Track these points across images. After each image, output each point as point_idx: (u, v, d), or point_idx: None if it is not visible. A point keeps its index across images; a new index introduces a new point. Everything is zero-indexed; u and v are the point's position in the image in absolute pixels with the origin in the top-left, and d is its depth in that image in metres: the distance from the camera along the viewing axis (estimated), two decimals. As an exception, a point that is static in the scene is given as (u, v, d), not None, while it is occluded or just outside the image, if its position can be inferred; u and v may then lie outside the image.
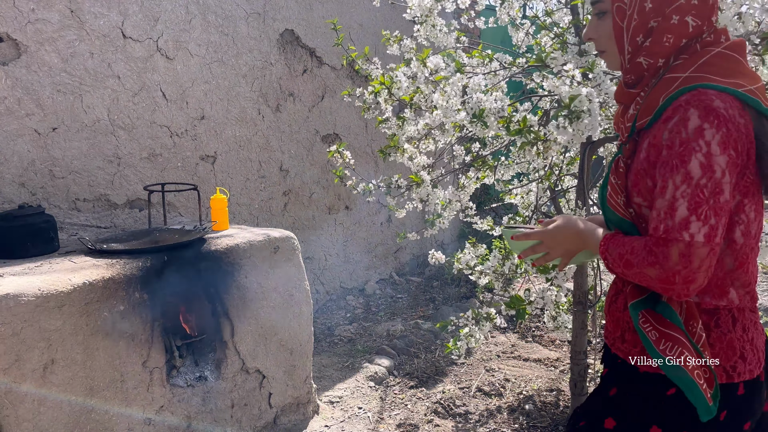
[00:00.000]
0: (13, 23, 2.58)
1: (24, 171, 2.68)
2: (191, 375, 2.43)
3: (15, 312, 1.79)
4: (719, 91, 1.09)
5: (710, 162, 1.05)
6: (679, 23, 1.16)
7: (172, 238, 2.56)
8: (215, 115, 3.61)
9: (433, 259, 3.02)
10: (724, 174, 1.06)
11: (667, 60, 1.19)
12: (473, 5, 2.76)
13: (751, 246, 1.19)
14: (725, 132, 1.05)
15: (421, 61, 2.25)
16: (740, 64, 1.15)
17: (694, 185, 1.06)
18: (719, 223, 1.06)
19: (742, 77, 1.12)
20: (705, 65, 1.14)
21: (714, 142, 1.05)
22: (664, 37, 1.17)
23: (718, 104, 1.07)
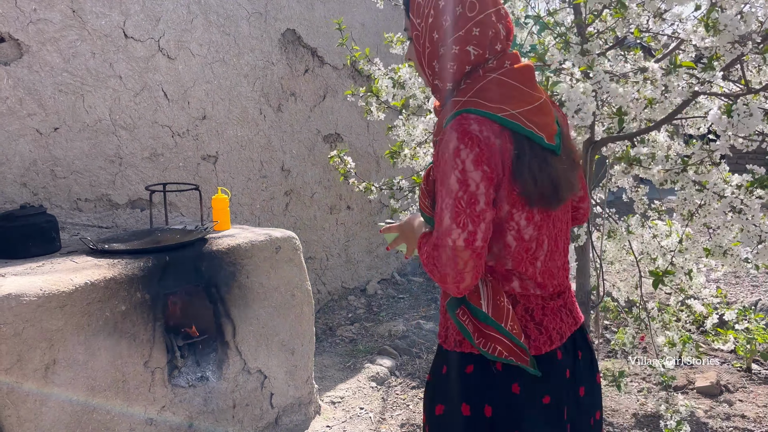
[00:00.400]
0: (14, 23, 2.58)
1: (26, 171, 2.67)
2: (193, 375, 2.43)
3: (17, 312, 1.79)
4: (479, 116, 1.22)
5: (465, 177, 1.19)
6: (461, 52, 1.27)
7: (173, 238, 2.56)
8: (217, 114, 3.61)
9: None
10: (478, 187, 1.19)
11: (456, 83, 1.31)
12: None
13: (528, 248, 1.31)
14: (478, 151, 1.18)
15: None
16: (514, 89, 1.27)
17: (454, 197, 1.20)
18: (477, 230, 1.20)
19: (510, 101, 1.24)
20: (480, 91, 1.26)
21: (468, 160, 1.18)
22: (448, 64, 1.29)
23: (474, 128, 1.20)
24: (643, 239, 2.83)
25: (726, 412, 3.02)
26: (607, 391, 3.28)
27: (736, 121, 1.73)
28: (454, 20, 1.26)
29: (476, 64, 1.29)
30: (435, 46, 1.30)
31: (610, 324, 4.27)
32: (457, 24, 1.26)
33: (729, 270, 2.87)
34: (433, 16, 1.29)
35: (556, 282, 1.39)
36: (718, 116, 1.79)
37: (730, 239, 2.24)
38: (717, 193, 2.02)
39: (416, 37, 1.34)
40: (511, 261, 1.31)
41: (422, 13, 1.31)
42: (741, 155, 9.70)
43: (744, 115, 1.71)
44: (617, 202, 8.66)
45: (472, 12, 1.26)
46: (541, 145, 1.26)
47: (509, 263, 1.32)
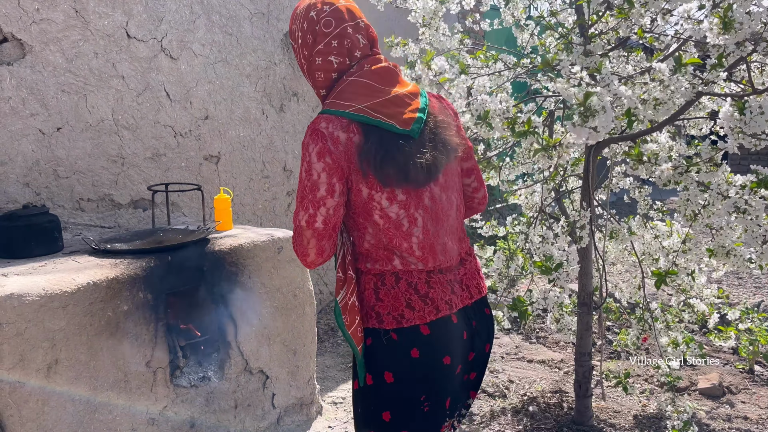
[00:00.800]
0: (17, 23, 2.59)
1: (28, 171, 2.68)
2: (195, 375, 2.43)
3: (19, 312, 1.79)
4: (329, 114, 1.43)
5: (310, 168, 1.40)
6: (324, 62, 1.49)
7: (175, 238, 2.56)
8: (219, 115, 3.61)
9: None
10: (320, 176, 1.39)
11: (328, 89, 1.53)
12: (478, 6, 2.76)
13: (399, 225, 1.47)
14: (321, 146, 1.38)
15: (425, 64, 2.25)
16: (365, 86, 1.47)
17: (302, 185, 1.42)
18: (317, 213, 1.41)
19: (359, 97, 1.44)
20: (338, 93, 1.48)
21: (313, 153, 1.39)
22: (317, 74, 1.52)
23: (322, 125, 1.40)
24: (645, 240, 2.83)
25: (728, 414, 3.01)
26: (608, 393, 3.28)
27: (749, 119, 1.73)
28: (315, 37, 1.49)
29: (341, 71, 1.51)
30: (308, 61, 1.53)
31: (613, 325, 4.27)
32: (317, 40, 1.49)
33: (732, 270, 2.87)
34: (301, 37, 1.52)
35: (442, 258, 1.53)
36: (730, 114, 1.78)
37: (733, 240, 2.23)
38: (721, 194, 2.02)
39: (297, 58, 1.57)
40: (386, 238, 1.48)
41: (295, 37, 1.55)
42: (744, 156, 9.69)
43: (756, 113, 1.71)
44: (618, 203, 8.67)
45: (329, 28, 1.48)
46: (391, 132, 1.43)
47: (384, 239, 1.48)
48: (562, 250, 2.35)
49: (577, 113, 1.72)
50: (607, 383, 3.38)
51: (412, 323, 1.46)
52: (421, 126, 1.47)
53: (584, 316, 2.79)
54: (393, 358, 1.47)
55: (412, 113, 1.48)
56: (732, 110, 1.78)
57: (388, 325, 1.46)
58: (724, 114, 1.81)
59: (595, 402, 3.07)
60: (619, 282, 3.38)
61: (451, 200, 1.58)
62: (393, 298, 1.48)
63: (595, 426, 2.88)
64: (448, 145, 1.52)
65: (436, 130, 1.50)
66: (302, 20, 1.52)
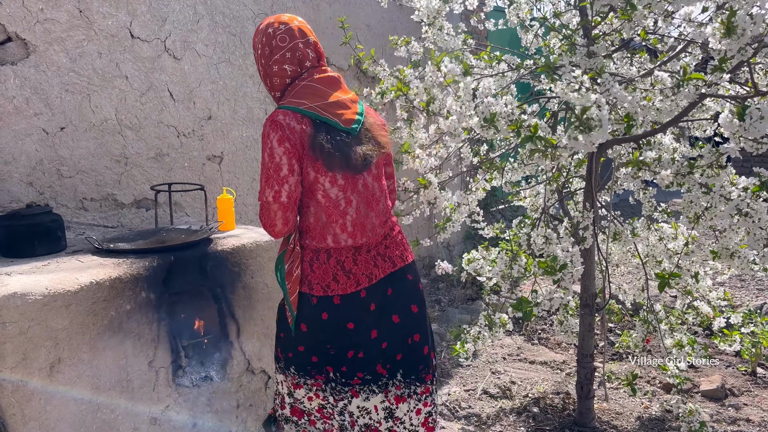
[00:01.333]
0: (21, 23, 2.59)
1: (32, 170, 2.68)
2: (197, 375, 2.43)
3: (22, 311, 1.80)
4: (286, 110, 1.76)
5: (272, 152, 1.72)
6: (279, 70, 1.85)
7: (178, 238, 2.56)
8: (222, 115, 3.61)
9: (440, 270, 3.02)
10: (281, 159, 1.72)
11: (282, 92, 1.89)
12: (481, 7, 2.75)
13: (337, 204, 1.82)
14: (281, 134, 1.72)
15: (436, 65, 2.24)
16: (315, 89, 1.82)
17: (266, 167, 1.73)
18: (282, 189, 1.73)
19: (310, 98, 1.79)
20: (292, 94, 1.82)
21: (274, 140, 1.72)
22: (275, 79, 1.87)
23: (280, 118, 1.73)
24: (649, 242, 2.82)
25: (731, 416, 3.01)
26: (611, 394, 3.27)
27: (748, 124, 1.72)
28: (271, 49, 1.85)
29: (294, 77, 1.86)
30: (265, 69, 1.89)
31: (615, 327, 4.26)
32: (273, 52, 1.85)
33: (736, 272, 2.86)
34: (260, 49, 1.88)
35: (370, 234, 1.90)
36: (729, 119, 1.78)
37: (736, 242, 2.23)
38: (723, 196, 2.01)
39: (257, 66, 1.92)
40: (325, 215, 1.83)
41: (256, 48, 1.90)
42: (747, 158, 9.67)
43: (756, 118, 1.70)
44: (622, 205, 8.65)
45: (284, 43, 1.85)
46: (336, 128, 1.80)
47: (323, 216, 1.83)
48: (565, 251, 2.35)
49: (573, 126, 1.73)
50: (609, 385, 3.37)
51: (337, 293, 1.85)
52: (359, 126, 1.86)
53: (587, 318, 2.78)
54: (310, 316, 1.87)
55: (352, 115, 1.85)
56: (731, 116, 1.78)
57: (316, 292, 1.85)
58: (723, 120, 1.80)
59: (597, 403, 3.06)
60: (623, 284, 3.38)
61: (381, 188, 1.95)
62: (323, 271, 1.85)
63: (597, 427, 2.87)
64: (379, 143, 1.90)
65: (369, 130, 1.89)
66: (262, 35, 1.88)
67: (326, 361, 1.90)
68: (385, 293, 1.93)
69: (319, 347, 1.89)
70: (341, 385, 1.92)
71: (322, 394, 1.95)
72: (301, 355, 1.91)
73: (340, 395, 1.93)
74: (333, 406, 1.96)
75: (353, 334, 1.89)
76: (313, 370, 1.91)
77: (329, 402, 1.96)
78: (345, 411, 1.95)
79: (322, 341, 1.89)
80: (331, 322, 1.86)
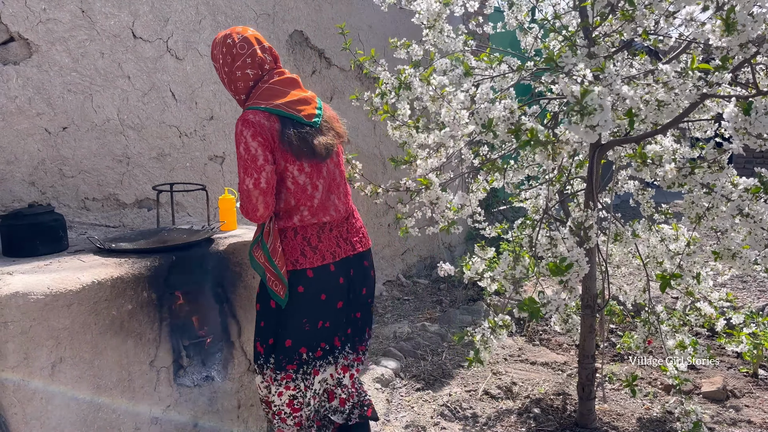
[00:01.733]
0: (24, 23, 2.60)
1: (34, 170, 2.69)
2: (198, 375, 2.43)
3: (24, 310, 1.80)
4: (254, 110, 1.99)
5: (248, 145, 1.94)
6: (242, 75, 2.09)
7: (180, 237, 2.56)
8: (224, 115, 3.62)
9: (442, 272, 3.02)
10: (257, 150, 1.94)
11: (246, 94, 2.12)
12: (482, 9, 2.76)
13: (305, 189, 2.07)
14: (253, 130, 1.95)
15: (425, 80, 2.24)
16: (278, 90, 2.07)
17: (243, 159, 1.95)
18: (260, 176, 1.94)
19: (275, 98, 2.04)
20: (257, 96, 2.06)
21: (248, 136, 1.94)
22: (239, 83, 2.10)
23: (251, 117, 1.96)
24: (650, 243, 2.82)
25: (732, 418, 3.01)
26: (612, 395, 3.27)
27: (754, 119, 1.72)
28: (233, 57, 2.08)
29: (256, 80, 2.10)
30: (229, 75, 2.11)
31: (616, 327, 4.26)
32: (235, 59, 2.08)
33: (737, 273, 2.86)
34: (222, 58, 2.11)
35: (333, 214, 2.17)
36: (735, 114, 1.78)
37: (738, 242, 2.23)
38: (725, 196, 2.01)
39: (219, 74, 2.15)
40: (294, 198, 2.06)
41: (217, 58, 2.13)
42: (748, 159, 9.66)
43: (762, 113, 1.70)
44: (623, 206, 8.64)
45: (243, 50, 2.08)
46: (300, 122, 2.05)
47: (293, 200, 2.06)
48: (572, 249, 2.35)
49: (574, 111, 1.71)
50: (610, 386, 3.37)
51: (301, 267, 2.06)
52: (319, 120, 2.12)
53: (588, 319, 2.78)
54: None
55: (313, 110, 2.11)
56: (737, 110, 1.77)
57: (287, 267, 2.06)
58: (729, 114, 1.80)
59: (598, 404, 3.06)
60: (623, 285, 3.38)
61: (341, 173, 2.25)
62: (291, 248, 2.07)
63: (598, 428, 2.87)
64: (338, 133, 2.17)
65: (328, 122, 2.15)
66: (221, 46, 2.11)
67: (299, 342, 2.11)
68: (348, 272, 2.21)
69: (295, 326, 2.10)
70: (309, 365, 2.15)
71: (293, 384, 2.14)
72: (280, 338, 2.11)
73: (308, 378, 2.16)
74: (303, 394, 2.16)
75: (323, 304, 2.12)
76: (281, 355, 2.11)
77: (300, 390, 2.15)
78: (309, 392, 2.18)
79: (297, 317, 2.09)
80: (307, 293, 2.08)
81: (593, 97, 1.68)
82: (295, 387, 2.14)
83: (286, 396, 2.14)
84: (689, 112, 2.12)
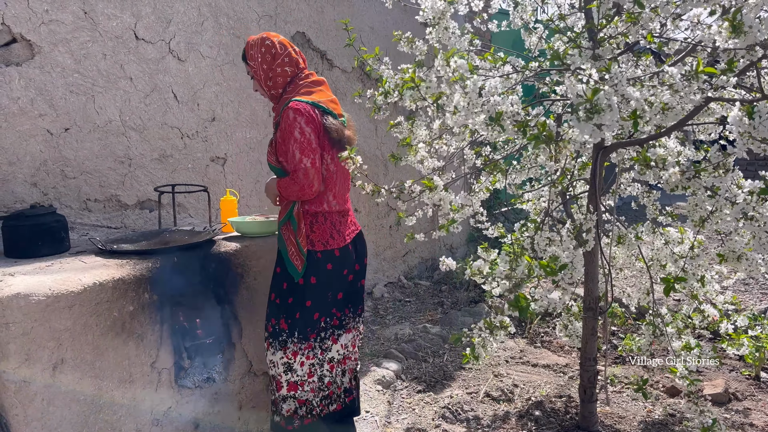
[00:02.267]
0: (27, 24, 2.60)
1: (36, 171, 2.69)
2: (199, 376, 2.43)
3: (26, 311, 1.80)
4: (301, 102, 2.27)
5: (303, 130, 2.23)
6: (281, 72, 2.40)
7: (181, 239, 2.56)
8: (226, 116, 3.62)
9: (444, 267, 3.01)
10: (311, 135, 2.25)
11: (283, 89, 2.42)
12: (486, 8, 2.75)
13: (333, 176, 2.39)
14: (306, 117, 2.24)
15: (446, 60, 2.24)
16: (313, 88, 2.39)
17: (299, 142, 2.23)
18: (315, 157, 2.26)
19: (313, 95, 2.35)
20: (297, 92, 2.36)
21: (302, 121, 2.24)
22: (279, 79, 2.40)
23: (301, 107, 2.25)
24: (654, 246, 2.81)
25: (734, 421, 3.00)
26: (613, 398, 3.26)
27: (757, 123, 1.71)
28: (273, 56, 2.40)
29: (292, 77, 2.42)
30: (266, 73, 2.40)
31: (618, 330, 4.25)
32: (275, 58, 2.40)
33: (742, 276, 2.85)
34: (261, 57, 2.40)
35: (346, 203, 2.52)
36: (739, 118, 1.77)
37: (743, 245, 2.22)
38: (729, 200, 2.00)
39: (255, 72, 2.43)
40: (324, 184, 2.37)
41: (254, 58, 2.41)
42: (751, 162, 9.64)
43: (765, 117, 1.70)
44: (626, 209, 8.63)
45: (282, 50, 2.41)
46: (335, 117, 2.36)
47: (323, 186, 2.36)
48: (568, 250, 2.34)
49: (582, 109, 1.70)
50: (612, 388, 3.36)
51: (331, 248, 2.37)
52: (344, 119, 2.44)
53: (590, 321, 2.77)
54: (317, 268, 2.35)
55: (340, 109, 2.45)
56: (741, 114, 1.77)
57: (318, 248, 2.35)
58: (733, 118, 1.79)
59: (600, 407, 3.05)
60: (626, 287, 3.37)
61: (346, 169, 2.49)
62: (322, 231, 2.38)
63: (600, 431, 2.86)
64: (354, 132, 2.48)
65: (348, 121, 2.46)
66: (260, 47, 2.40)
67: (322, 313, 2.42)
68: (356, 247, 2.56)
69: (321, 299, 2.39)
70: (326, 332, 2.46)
71: (312, 353, 2.41)
72: (307, 311, 2.36)
73: (324, 344, 2.45)
74: (320, 361, 2.45)
75: (344, 279, 2.47)
76: (308, 327, 2.38)
77: (317, 358, 2.44)
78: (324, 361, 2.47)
79: (325, 291, 2.39)
80: (334, 270, 2.39)
81: (602, 96, 1.67)
82: (314, 356, 2.42)
83: (307, 365, 2.40)
84: (693, 115, 2.11)
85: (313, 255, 2.34)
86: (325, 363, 2.48)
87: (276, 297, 2.39)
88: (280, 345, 2.36)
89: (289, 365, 2.37)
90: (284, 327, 2.36)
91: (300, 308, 2.35)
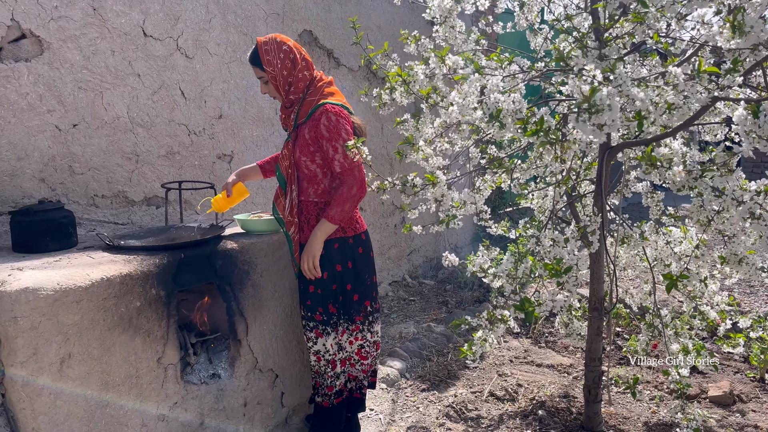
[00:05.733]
0: (36, 20, 2.61)
1: (44, 167, 2.70)
2: (205, 372, 2.44)
3: (34, 306, 1.81)
4: (334, 105, 2.40)
5: (348, 131, 2.39)
6: (302, 77, 2.44)
7: (188, 235, 2.57)
8: (233, 114, 3.63)
9: (446, 262, 3.01)
10: (351, 135, 2.38)
11: (303, 93, 2.46)
12: (492, 9, 2.75)
13: None
14: (345, 119, 2.40)
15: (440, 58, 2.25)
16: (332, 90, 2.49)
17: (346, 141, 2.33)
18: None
19: (335, 96, 2.46)
20: (321, 94, 2.44)
21: (344, 123, 2.39)
22: (298, 84, 2.44)
23: (337, 109, 2.40)
24: (657, 246, 2.81)
25: (739, 423, 2.99)
26: (618, 399, 3.26)
27: (763, 122, 1.71)
28: (293, 62, 2.43)
29: (310, 80, 2.47)
30: (286, 78, 2.43)
31: (622, 330, 4.24)
32: (295, 64, 2.43)
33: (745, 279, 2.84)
34: (280, 63, 2.41)
35: None
36: (744, 117, 1.77)
37: (747, 246, 2.21)
38: (735, 199, 2.00)
39: (272, 77, 2.43)
40: None
41: (273, 63, 2.41)
42: (757, 163, 9.60)
43: None
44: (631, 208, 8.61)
45: (299, 56, 2.45)
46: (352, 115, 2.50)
47: None
48: (572, 254, 2.35)
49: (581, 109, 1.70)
50: (616, 389, 3.36)
51: (359, 232, 2.55)
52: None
53: (595, 321, 2.78)
54: (351, 253, 2.52)
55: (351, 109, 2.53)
56: (746, 113, 1.77)
57: (349, 233, 2.51)
58: (738, 117, 1.79)
59: (604, 407, 3.05)
60: (630, 287, 3.37)
61: None
62: (351, 217, 2.51)
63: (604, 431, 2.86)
64: None
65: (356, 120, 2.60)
66: (278, 52, 2.41)
67: (363, 296, 2.57)
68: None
69: (360, 281, 2.55)
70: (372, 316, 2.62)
71: (360, 335, 2.60)
72: (349, 294, 2.53)
73: (372, 327, 2.63)
74: (369, 343, 2.64)
75: (373, 261, 2.64)
76: (352, 310, 2.55)
77: (366, 340, 2.62)
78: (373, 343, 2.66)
79: (365, 273, 2.57)
80: (364, 253, 2.57)
81: (602, 96, 1.68)
82: (362, 338, 2.60)
83: (356, 345, 2.59)
84: (699, 116, 2.11)
85: (344, 241, 2.48)
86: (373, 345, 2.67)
87: (316, 288, 2.48)
88: (332, 327, 2.51)
89: (341, 345, 2.56)
90: (333, 311, 2.51)
91: (341, 292, 2.51)
